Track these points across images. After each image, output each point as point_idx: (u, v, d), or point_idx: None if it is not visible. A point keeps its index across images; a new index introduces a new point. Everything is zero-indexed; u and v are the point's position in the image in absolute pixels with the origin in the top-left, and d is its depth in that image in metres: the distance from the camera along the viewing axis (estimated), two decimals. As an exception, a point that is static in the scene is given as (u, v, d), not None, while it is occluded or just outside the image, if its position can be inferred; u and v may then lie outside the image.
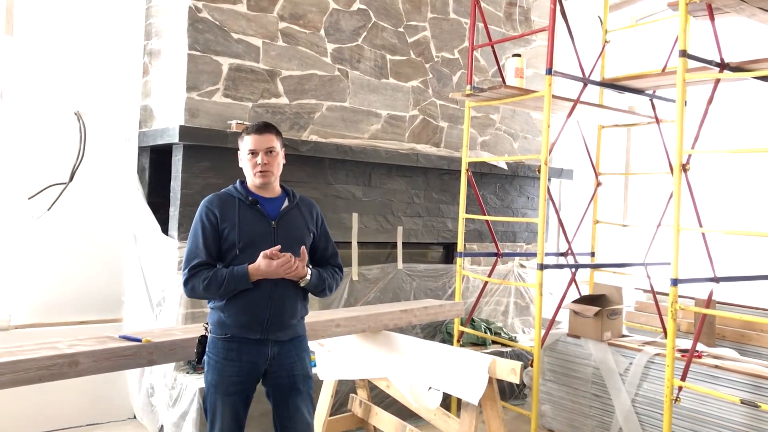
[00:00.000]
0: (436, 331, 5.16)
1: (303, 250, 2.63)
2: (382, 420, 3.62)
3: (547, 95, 3.89)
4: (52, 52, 4.13)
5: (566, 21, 4.19)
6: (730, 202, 5.81)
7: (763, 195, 5.66)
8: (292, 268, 2.56)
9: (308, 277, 2.65)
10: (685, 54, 3.32)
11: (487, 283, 4.82)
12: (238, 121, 4.10)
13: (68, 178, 4.18)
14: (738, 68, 3.77)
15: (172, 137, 3.92)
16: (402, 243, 5.07)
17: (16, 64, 4.01)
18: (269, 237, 2.62)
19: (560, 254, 4.87)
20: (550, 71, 3.88)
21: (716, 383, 3.49)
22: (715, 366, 3.53)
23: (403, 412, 3.73)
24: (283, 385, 2.65)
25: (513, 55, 4.40)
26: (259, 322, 2.58)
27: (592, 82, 4.33)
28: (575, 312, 4.21)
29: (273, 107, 4.38)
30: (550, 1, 3.90)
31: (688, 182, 3.48)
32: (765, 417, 3.28)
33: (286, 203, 2.73)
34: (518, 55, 4.38)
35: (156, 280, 4.09)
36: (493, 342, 5.02)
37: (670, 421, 3.36)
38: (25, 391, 2.99)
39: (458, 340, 4.66)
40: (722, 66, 3.73)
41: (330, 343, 3.71)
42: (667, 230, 3.84)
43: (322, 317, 3.47)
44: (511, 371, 3.01)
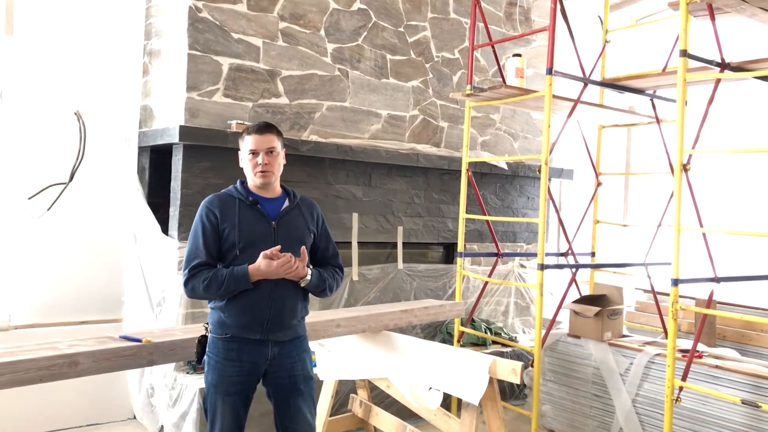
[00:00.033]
0: (437, 332, 5.16)
1: (303, 250, 2.63)
2: (382, 420, 3.62)
3: (548, 95, 3.89)
4: (52, 52, 4.13)
5: (566, 21, 4.19)
6: (731, 202, 5.81)
7: (763, 195, 5.66)
8: (292, 268, 2.55)
9: (308, 278, 2.64)
10: (685, 54, 3.32)
11: (487, 283, 4.81)
12: (239, 121, 4.10)
13: (68, 178, 4.18)
14: (739, 68, 3.76)
15: (172, 137, 3.92)
16: (402, 243, 5.06)
17: (16, 64, 4.01)
18: (269, 237, 2.62)
19: (560, 254, 4.87)
20: (550, 71, 3.88)
21: (717, 383, 3.49)
22: (716, 366, 3.53)
23: (404, 413, 3.73)
24: (283, 385, 2.65)
25: (513, 55, 4.40)
26: (259, 323, 2.57)
27: (592, 82, 4.32)
28: (576, 312, 4.21)
29: (273, 107, 4.37)
30: (551, 0, 3.90)
31: (688, 182, 3.48)
32: (766, 417, 3.28)
33: (286, 203, 2.73)
34: (518, 55, 4.38)
35: (156, 280, 4.09)
36: (494, 342, 5.02)
37: (671, 422, 3.36)
38: (25, 391, 2.99)
39: (458, 341, 4.66)
40: (723, 66, 3.73)
41: (330, 343, 3.71)
42: (668, 230, 3.84)
43: (323, 317, 3.47)
44: (511, 371, 3.00)
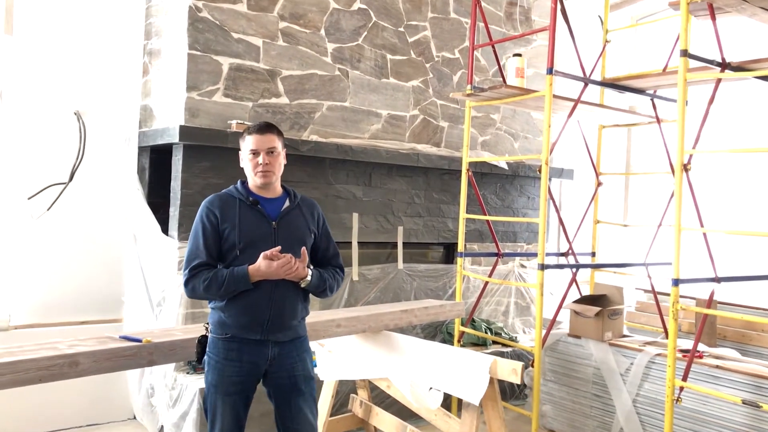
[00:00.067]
0: (437, 332, 5.15)
1: (303, 250, 2.62)
2: (382, 420, 3.62)
3: (548, 95, 3.88)
4: (51, 52, 4.12)
5: (567, 21, 4.18)
6: (732, 202, 5.81)
7: (763, 195, 5.66)
8: (292, 268, 2.55)
9: (309, 278, 2.64)
10: (686, 53, 3.32)
11: (487, 283, 4.81)
12: (239, 121, 4.09)
13: (68, 178, 4.18)
14: (739, 68, 3.76)
15: (172, 137, 3.91)
16: (402, 243, 5.06)
17: (15, 64, 4.01)
18: (270, 237, 2.62)
19: (561, 254, 4.87)
20: (550, 71, 3.87)
21: (717, 383, 3.49)
22: (717, 366, 3.53)
23: (404, 413, 3.73)
24: (284, 385, 2.64)
25: (514, 55, 4.39)
26: (260, 323, 2.57)
27: (592, 81, 4.32)
28: (576, 312, 4.21)
29: (273, 107, 4.37)
30: (551, 0, 3.90)
31: (689, 182, 3.47)
32: (766, 417, 3.28)
33: (286, 203, 2.72)
34: (519, 55, 4.37)
35: (156, 280, 4.09)
36: (494, 342, 5.02)
37: (672, 422, 3.36)
38: (25, 392, 2.98)
39: (459, 341, 4.65)
40: (723, 66, 3.73)
41: (330, 343, 3.71)
42: (668, 230, 3.83)
43: (323, 317, 3.47)
44: (512, 371, 3.00)
